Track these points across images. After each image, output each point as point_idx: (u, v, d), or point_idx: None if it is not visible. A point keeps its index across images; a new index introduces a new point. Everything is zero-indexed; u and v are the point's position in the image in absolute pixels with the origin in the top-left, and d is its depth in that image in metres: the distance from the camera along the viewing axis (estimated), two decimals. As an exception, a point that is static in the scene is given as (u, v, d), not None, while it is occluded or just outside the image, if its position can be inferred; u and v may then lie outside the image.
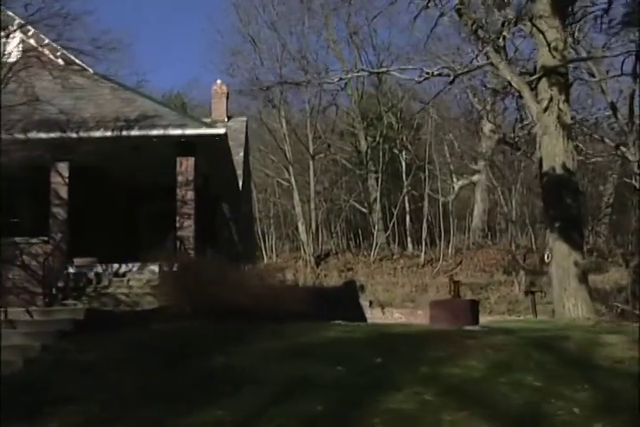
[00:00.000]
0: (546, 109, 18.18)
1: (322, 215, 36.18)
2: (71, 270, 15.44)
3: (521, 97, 22.83)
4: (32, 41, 17.27)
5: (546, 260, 18.09)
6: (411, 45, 38.02)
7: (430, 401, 7.37)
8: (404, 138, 37.78)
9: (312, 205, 34.45)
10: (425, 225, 34.66)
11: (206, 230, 18.16)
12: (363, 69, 24.66)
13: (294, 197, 35.46)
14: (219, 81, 23.97)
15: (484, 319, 26.11)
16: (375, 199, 36.96)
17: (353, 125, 37.40)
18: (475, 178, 40.11)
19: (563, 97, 18.29)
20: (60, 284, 14.89)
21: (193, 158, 15.73)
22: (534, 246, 33.95)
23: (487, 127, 38.75)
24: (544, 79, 18.45)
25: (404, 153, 37.41)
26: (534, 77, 18.74)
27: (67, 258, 15.50)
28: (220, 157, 16.70)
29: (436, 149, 38.29)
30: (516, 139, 37.01)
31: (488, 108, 38.40)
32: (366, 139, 37.00)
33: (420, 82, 20.82)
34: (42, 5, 13.43)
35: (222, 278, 13.33)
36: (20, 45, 16.91)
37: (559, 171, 17.86)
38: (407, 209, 37.04)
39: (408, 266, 33.73)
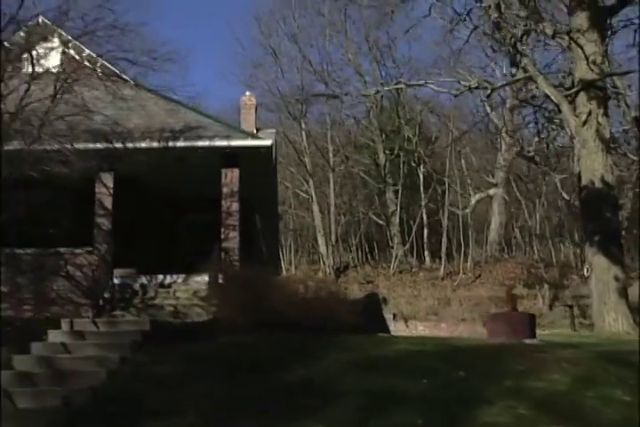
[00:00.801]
0: (585, 123, 18.24)
1: (341, 228, 36.14)
2: (116, 281, 15.37)
3: (548, 111, 22.99)
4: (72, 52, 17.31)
5: (585, 274, 18.06)
6: (429, 59, 38.14)
7: (525, 415, 7.34)
8: (422, 151, 37.84)
9: (332, 218, 34.42)
10: (445, 238, 34.61)
11: (244, 242, 18.16)
12: (400, 82, 24.66)
13: (314, 210, 35.44)
14: (247, 93, 23.94)
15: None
16: (393, 212, 36.95)
17: (372, 139, 37.45)
18: (492, 191, 40.20)
19: (601, 111, 18.37)
20: (107, 295, 14.82)
21: (237, 170, 15.72)
22: (553, 260, 33.92)
23: (505, 141, 38.94)
24: (582, 93, 18.53)
25: (421, 166, 37.44)
26: (572, 91, 18.81)
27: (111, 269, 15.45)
28: (262, 168, 16.69)
29: (453, 162, 38.36)
30: (534, 153, 37.18)
31: (506, 121, 38.71)
32: (384, 152, 37.05)
33: (457, 95, 20.87)
34: (95, 17, 13.38)
35: (273, 290, 13.31)
36: (59, 56, 16.94)
37: (598, 184, 17.89)
38: (425, 222, 37.01)
39: (427, 279, 33.69)
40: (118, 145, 15.31)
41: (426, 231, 37.24)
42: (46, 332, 10.27)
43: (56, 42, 15.34)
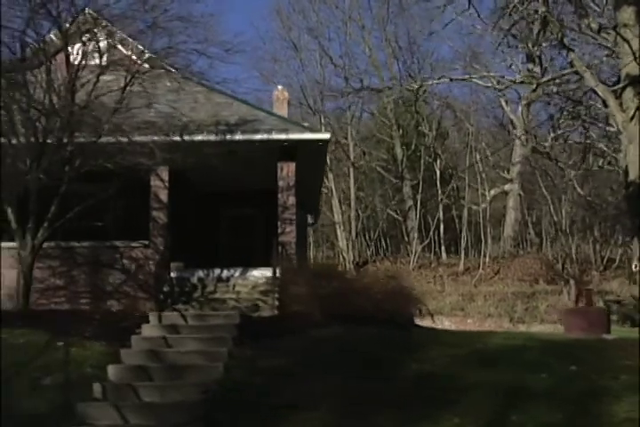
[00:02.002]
0: (632, 118, 18.19)
1: (361, 223, 36.08)
2: (172, 275, 15.26)
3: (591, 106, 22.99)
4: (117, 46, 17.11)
5: (634, 269, 18.09)
6: (446, 54, 37.95)
7: (656, 410, 7.30)
8: (438, 147, 37.86)
9: (352, 213, 34.35)
10: (464, 234, 34.64)
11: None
12: (444, 76, 24.56)
13: (334, 205, 35.34)
14: (280, 87, 23.78)
15: (536, 329, 26.22)
16: (410, 207, 36.93)
17: (390, 134, 37.37)
18: (507, 187, 40.26)
19: (648, 106, 18.31)
20: (166, 288, 14.71)
21: (294, 164, 15.60)
22: (573, 256, 33.95)
23: (520, 137, 38.96)
24: (629, 88, 18.47)
25: (438, 162, 37.43)
26: (619, 86, 18.75)
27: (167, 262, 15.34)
28: (316, 162, 16.59)
29: (469, 158, 38.40)
30: (550, 149, 37.21)
31: (521, 117, 38.73)
32: (402, 147, 37.01)
33: (501, 89, 20.80)
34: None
35: (347, 284, 13.28)
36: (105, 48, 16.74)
37: (646, 180, 17.85)
38: (441, 217, 37.02)
39: (447, 274, 33.71)
40: (175, 138, 15.13)
41: (442, 227, 37.24)
42: (138, 325, 10.14)
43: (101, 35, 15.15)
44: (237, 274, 15.48)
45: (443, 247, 37.52)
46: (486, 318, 27.89)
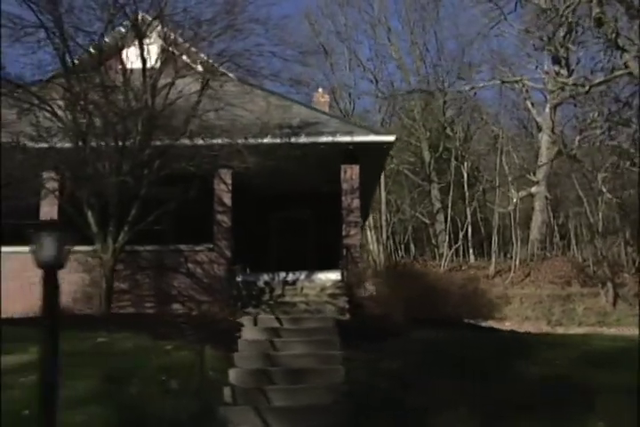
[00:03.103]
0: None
1: (392, 226, 36.00)
2: (237, 279, 15.18)
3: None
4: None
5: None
6: (471, 57, 37.87)
7: None
8: (466, 150, 37.81)
9: (383, 216, 34.27)
10: (495, 236, 34.54)
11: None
12: (494, 78, 24.51)
13: (364, 208, 35.21)
14: (320, 89, 23.78)
15: (575, 331, 26.06)
16: (438, 210, 36.86)
17: (418, 136, 37.31)
18: (534, 189, 40.15)
19: None
20: (234, 292, 14.65)
21: (358, 166, 15.54)
22: (606, 258, 33.81)
23: (546, 139, 38.89)
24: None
25: (465, 164, 37.37)
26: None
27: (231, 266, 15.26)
28: (377, 164, 16.53)
29: (495, 161, 38.34)
30: (577, 150, 37.15)
31: (550, 119, 38.66)
32: (429, 150, 36.96)
33: (553, 91, 20.76)
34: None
35: (429, 286, 13.21)
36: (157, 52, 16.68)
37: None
38: (469, 220, 36.93)
39: (479, 277, 33.55)
40: (240, 141, 15.04)
41: (470, 229, 37.14)
42: (233, 328, 10.07)
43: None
44: (303, 277, 15.41)
45: (471, 250, 37.41)
46: (524, 320, 27.74)
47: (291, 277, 15.31)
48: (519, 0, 25.27)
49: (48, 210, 15.16)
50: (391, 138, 15.52)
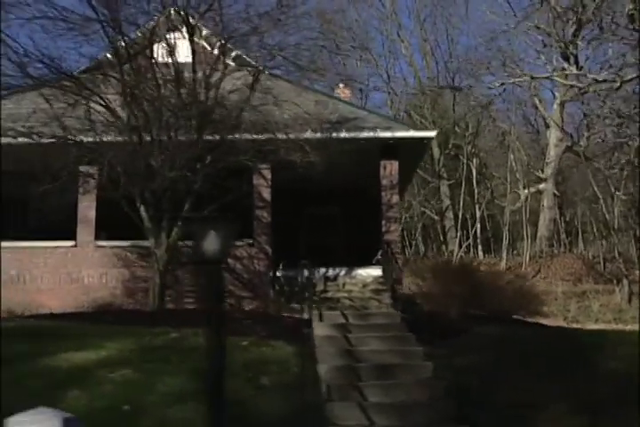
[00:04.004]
0: None
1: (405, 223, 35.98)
2: (278, 274, 15.14)
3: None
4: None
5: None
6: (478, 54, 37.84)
7: None
8: (474, 146, 37.86)
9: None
10: (505, 233, 34.64)
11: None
12: (525, 74, 24.48)
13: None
14: (341, 85, 23.64)
15: (591, 328, 26.13)
16: (448, 207, 36.91)
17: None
18: (541, 186, 40.29)
19: None
20: (276, 287, 14.61)
21: (397, 162, 15.50)
22: (616, 255, 33.98)
23: (554, 136, 39.03)
24: None
25: (474, 161, 37.42)
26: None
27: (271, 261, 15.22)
28: (414, 160, 16.49)
29: (502, 158, 38.46)
30: (585, 148, 37.28)
31: (559, 115, 38.82)
32: (439, 146, 36.98)
33: (584, 88, 20.78)
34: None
35: (479, 282, 13.21)
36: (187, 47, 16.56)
37: None
38: (477, 217, 37.01)
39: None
40: (281, 136, 14.96)
41: (479, 226, 37.22)
42: (298, 324, 10.02)
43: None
44: (343, 273, 15.38)
45: (480, 247, 37.49)
46: (541, 317, 27.77)
47: (331, 272, 15.26)
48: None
49: (87, 205, 15.09)
50: (432, 133, 15.53)
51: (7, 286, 14.94)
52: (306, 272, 15.32)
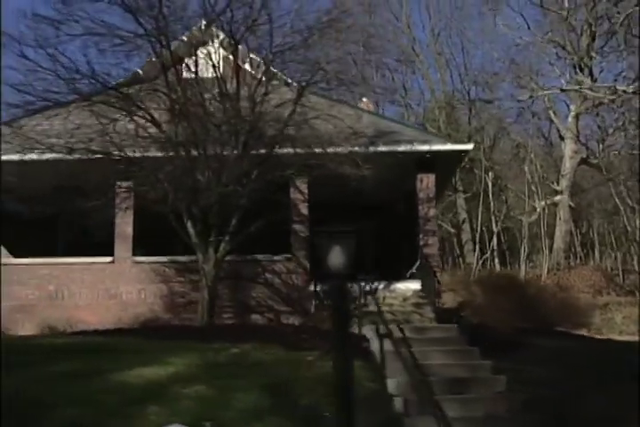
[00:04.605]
0: None
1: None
2: (317, 288, 15.07)
3: None
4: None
5: None
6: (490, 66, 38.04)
7: None
8: (489, 159, 37.89)
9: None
10: (524, 245, 34.54)
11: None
12: (554, 86, 24.59)
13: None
14: (364, 99, 23.72)
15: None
16: (464, 220, 36.87)
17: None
18: (557, 198, 40.26)
19: None
20: (314, 302, 14.56)
21: (434, 175, 15.50)
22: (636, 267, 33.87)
23: (569, 148, 39.04)
24: None
25: (489, 174, 37.41)
26: None
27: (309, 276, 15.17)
28: (448, 173, 16.50)
29: (517, 170, 38.48)
30: (600, 160, 37.29)
31: (574, 127, 38.85)
32: (455, 159, 36.99)
33: (614, 99, 20.82)
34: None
35: (526, 295, 13.15)
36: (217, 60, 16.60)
37: None
38: (494, 230, 36.93)
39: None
40: (318, 150, 14.95)
41: (495, 239, 37.13)
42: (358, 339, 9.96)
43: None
44: (382, 286, 15.32)
45: (496, 259, 37.39)
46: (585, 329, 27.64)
47: (369, 286, 15.17)
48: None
49: (124, 221, 15.08)
50: (469, 146, 15.51)
51: (46, 302, 14.96)
52: (344, 286, 15.29)
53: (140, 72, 14.65)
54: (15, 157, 12.74)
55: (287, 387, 7.87)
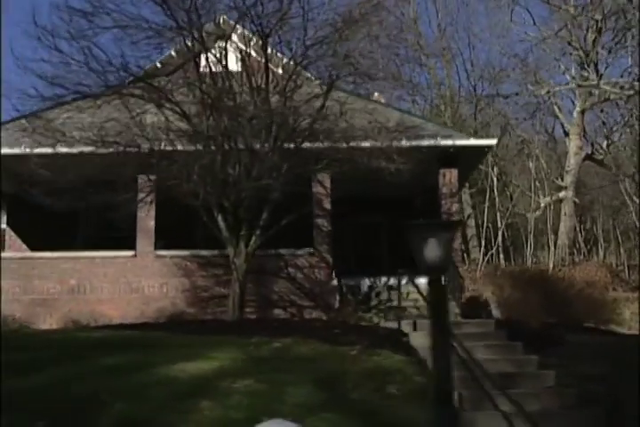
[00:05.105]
0: None
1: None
2: (337, 283, 15.07)
3: None
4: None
5: None
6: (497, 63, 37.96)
7: None
8: (493, 155, 37.85)
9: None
10: (531, 240, 34.59)
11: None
12: (574, 82, 24.52)
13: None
14: (376, 93, 23.63)
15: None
16: (470, 215, 36.87)
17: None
18: (561, 194, 40.30)
19: None
20: (338, 297, 14.54)
21: (456, 170, 15.48)
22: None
23: (574, 144, 39.05)
24: None
25: (494, 169, 37.42)
26: None
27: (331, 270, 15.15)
28: (470, 168, 16.47)
29: (522, 166, 38.51)
30: (605, 156, 37.34)
31: (580, 123, 38.85)
32: (460, 155, 37.00)
33: (631, 96, 20.82)
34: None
35: (554, 291, 13.15)
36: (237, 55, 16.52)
37: None
38: (499, 226, 36.98)
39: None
40: (352, 144, 14.82)
41: (500, 234, 37.18)
42: (395, 333, 9.96)
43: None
44: (404, 282, 15.25)
45: (501, 255, 37.44)
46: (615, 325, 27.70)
47: (392, 281, 15.16)
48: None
49: (146, 215, 15.01)
50: (493, 142, 15.48)
51: (68, 296, 14.89)
52: (368, 281, 15.31)
53: (159, 65, 14.62)
54: (46, 150, 12.64)
55: (336, 381, 7.84)
